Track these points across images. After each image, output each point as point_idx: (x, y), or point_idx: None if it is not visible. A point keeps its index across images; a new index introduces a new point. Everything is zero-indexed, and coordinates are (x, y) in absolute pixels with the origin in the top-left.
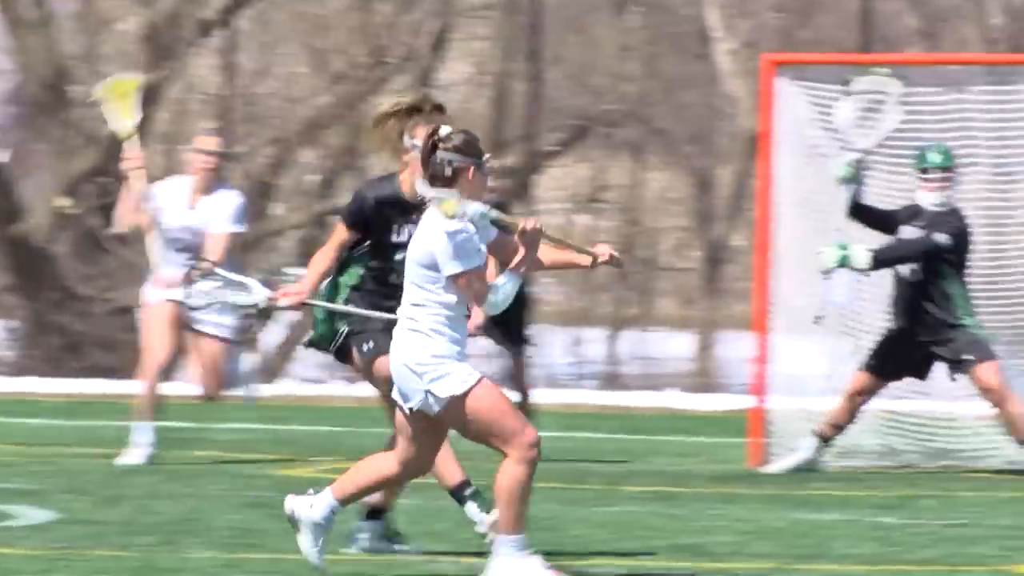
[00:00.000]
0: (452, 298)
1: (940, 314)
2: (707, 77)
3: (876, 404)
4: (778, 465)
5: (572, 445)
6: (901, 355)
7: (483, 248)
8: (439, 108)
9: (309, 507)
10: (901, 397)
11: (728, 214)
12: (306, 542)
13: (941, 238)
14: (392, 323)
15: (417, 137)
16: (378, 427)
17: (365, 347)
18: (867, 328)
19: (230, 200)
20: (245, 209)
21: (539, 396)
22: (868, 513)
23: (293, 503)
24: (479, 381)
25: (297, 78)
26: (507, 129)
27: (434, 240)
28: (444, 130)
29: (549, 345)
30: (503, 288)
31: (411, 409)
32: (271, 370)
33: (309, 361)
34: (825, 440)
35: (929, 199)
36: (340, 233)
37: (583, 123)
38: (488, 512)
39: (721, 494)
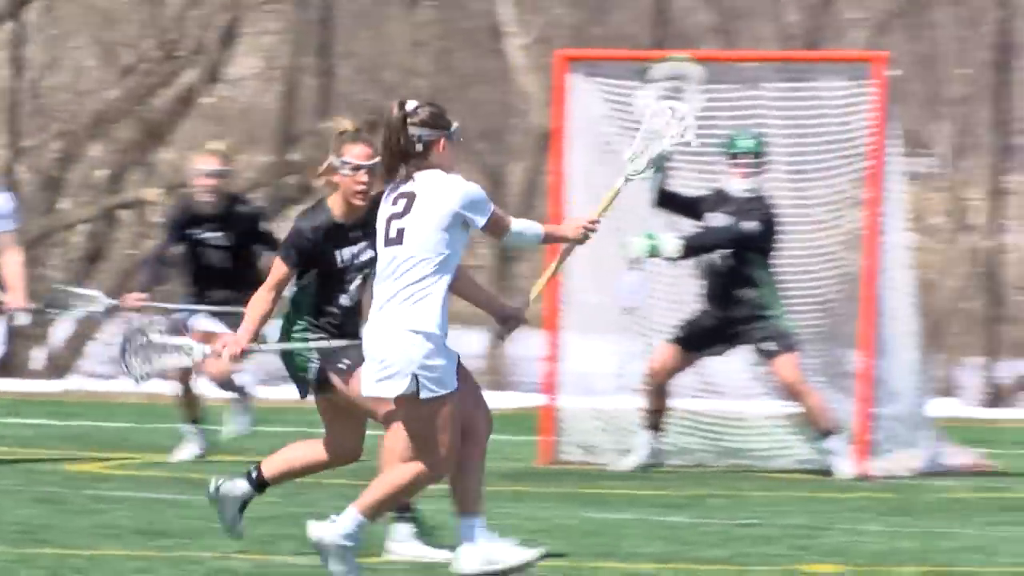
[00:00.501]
0: (456, 263)
1: (749, 302)
2: (500, 73)
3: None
4: (625, 462)
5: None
6: (708, 333)
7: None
8: (360, 129)
9: (334, 529)
10: (692, 396)
11: (520, 211)
12: (337, 566)
13: (750, 225)
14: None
15: (345, 155)
16: (166, 423)
17: (341, 365)
18: (657, 328)
19: (4, 199)
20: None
21: None
22: (658, 512)
23: (318, 530)
24: (452, 393)
25: (86, 71)
26: (297, 124)
27: (457, 199)
28: (410, 105)
29: None
30: (527, 229)
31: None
32: (60, 366)
33: (97, 357)
34: (656, 428)
35: (738, 185)
36: (279, 272)
37: (374, 118)
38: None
39: (511, 492)
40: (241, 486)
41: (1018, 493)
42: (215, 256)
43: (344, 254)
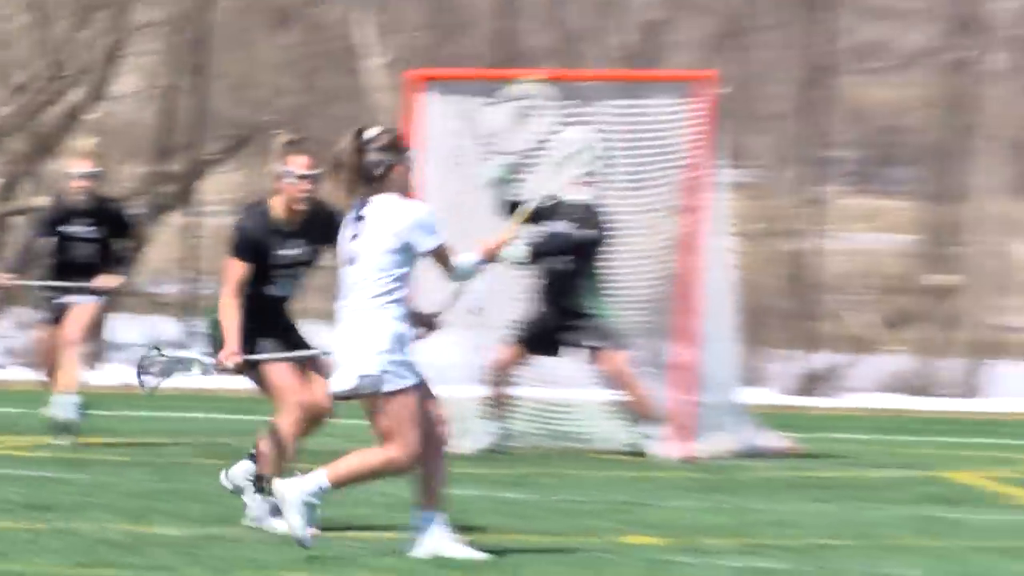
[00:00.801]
0: (411, 276)
1: (581, 304)
2: (360, 91)
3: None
4: (464, 444)
5: (250, 427)
6: (546, 333)
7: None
8: (298, 140)
9: (297, 487)
10: (529, 385)
11: None
12: (295, 520)
13: (591, 233)
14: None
15: (289, 165)
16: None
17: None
18: (498, 322)
19: None
20: None
21: (198, 382)
22: (498, 489)
23: (283, 485)
24: (414, 385)
25: None
26: (173, 138)
27: (405, 223)
28: (371, 132)
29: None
30: (471, 262)
31: (365, 393)
32: None
33: None
34: (498, 417)
35: (577, 195)
36: (237, 271)
37: (244, 133)
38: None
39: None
40: (244, 467)
41: (825, 473)
42: (83, 249)
43: (279, 252)
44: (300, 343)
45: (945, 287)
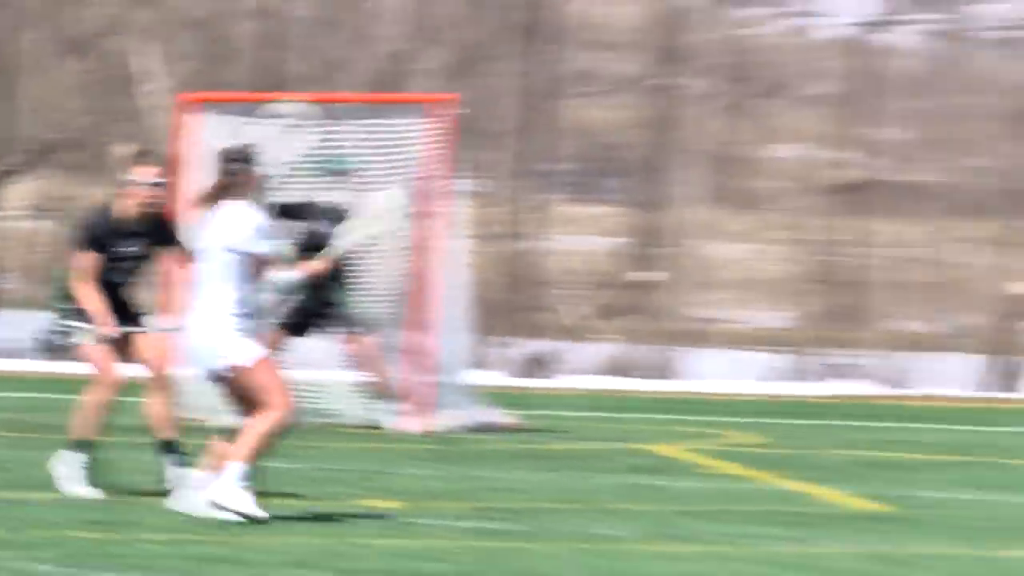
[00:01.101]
0: (247, 277)
1: (333, 295)
2: (141, 112)
3: None
4: (227, 420)
5: (49, 405)
6: (305, 319)
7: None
8: (147, 152)
9: (224, 483)
10: (285, 366)
11: None
12: (242, 507)
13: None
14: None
15: (138, 173)
16: None
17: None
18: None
19: None
20: None
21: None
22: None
23: (212, 490)
24: (261, 356)
25: None
26: None
27: (245, 227)
28: (227, 147)
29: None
30: (290, 275)
31: (218, 374)
32: None
33: None
34: None
35: (335, 199)
36: (87, 260)
37: (42, 148)
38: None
39: (134, 443)
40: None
41: (546, 446)
42: None
43: (118, 248)
44: (136, 322)
45: (649, 283)
